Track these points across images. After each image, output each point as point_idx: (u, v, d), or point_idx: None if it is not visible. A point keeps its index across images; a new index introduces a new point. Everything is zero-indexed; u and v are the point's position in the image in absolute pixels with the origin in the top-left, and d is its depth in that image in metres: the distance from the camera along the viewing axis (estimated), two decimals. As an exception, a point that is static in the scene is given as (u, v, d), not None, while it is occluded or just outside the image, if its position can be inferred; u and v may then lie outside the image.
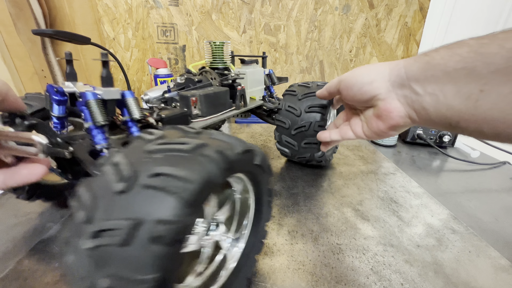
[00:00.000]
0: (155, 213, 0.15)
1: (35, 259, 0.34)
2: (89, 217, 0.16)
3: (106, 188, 0.17)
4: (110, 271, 0.15)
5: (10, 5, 0.85)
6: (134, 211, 0.15)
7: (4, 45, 0.91)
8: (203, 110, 0.46)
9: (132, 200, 0.16)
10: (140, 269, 0.15)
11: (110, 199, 0.16)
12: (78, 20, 0.97)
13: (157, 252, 0.15)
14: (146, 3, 0.99)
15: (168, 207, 0.15)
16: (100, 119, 0.32)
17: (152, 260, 0.15)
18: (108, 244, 0.15)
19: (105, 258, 0.15)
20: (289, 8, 1.02)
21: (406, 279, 0.32)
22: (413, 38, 1.09)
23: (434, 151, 0.74)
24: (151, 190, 0.16)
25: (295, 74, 1.14)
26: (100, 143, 0.32)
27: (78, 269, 0.16)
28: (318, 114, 0.49)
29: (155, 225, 0.15)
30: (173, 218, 0.15)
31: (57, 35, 0.32)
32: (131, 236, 0.15)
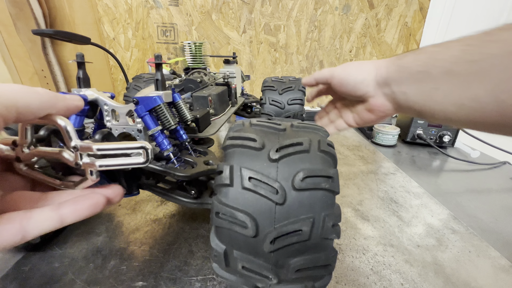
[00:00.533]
0: (319, 210, 0.18)
1: (35, 259, 0.35)
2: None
3: (265, 203, 0.18)
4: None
5: (10, 5, 0.85)
6: (305, 209, 0.18)
7: (4, 45, 0.91)
8: (216, 109, 0.47)
9: (295, 202, 0.18)
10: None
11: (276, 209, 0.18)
12: (78, 20, 0.97)
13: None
14: (146, 3, 0.99)
15: (329, 201, 0.19)
16: (173, 122, 0.31)
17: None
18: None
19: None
20: (289, 8, 1.02)
21: (406, 279, 0.32)
22: (413, 38, 1.09)
23: (434, 151, 0.74)
24: (305, 192, 0.18)
25: (295, 74, 1.14)
26: (167, 149, 0.31)
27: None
28: (298, 105, 0.59)
29: (324, 220, 0.18)
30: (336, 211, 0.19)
31: (57, 35, 0.32)
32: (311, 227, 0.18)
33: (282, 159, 0.19)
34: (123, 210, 0.45)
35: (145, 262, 0.34)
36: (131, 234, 0.39)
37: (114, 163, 0.23)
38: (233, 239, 0.19)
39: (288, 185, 0.18)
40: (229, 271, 0.21)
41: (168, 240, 0.38)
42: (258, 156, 0.19)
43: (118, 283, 0.31)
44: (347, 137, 0.84)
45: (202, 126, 0.40)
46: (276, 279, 0.19)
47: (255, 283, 0.21)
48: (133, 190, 0.34)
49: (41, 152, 0.23)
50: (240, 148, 0.20)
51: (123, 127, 0.31)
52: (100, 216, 0.43)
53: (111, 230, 0.40)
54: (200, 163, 0.32)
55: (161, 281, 0.31)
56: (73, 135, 0.22)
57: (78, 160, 0.22)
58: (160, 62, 0.31)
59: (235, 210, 0.18)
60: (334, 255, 0.19)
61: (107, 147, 0.23)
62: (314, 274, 0.19)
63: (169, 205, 0.47)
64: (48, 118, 0.22)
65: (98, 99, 0.31)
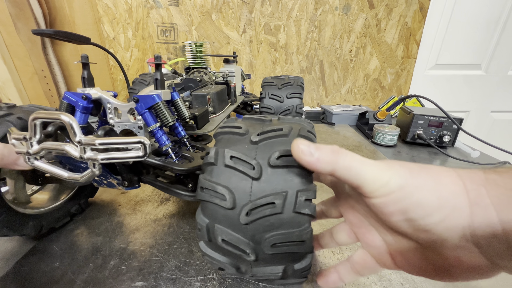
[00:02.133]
0: (294, 186, 0.19)
1: (35, 259, 0.35)
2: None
3: (243, 178, 0.20)
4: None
5: (10, 5, 0.85)
6: (280, 185, 0.19)
7: (4, 45, 0.91)
8: (215, 107, 0.49)
9: (270, 178, 0.20)
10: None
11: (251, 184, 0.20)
12: (78, 20, 0.97)
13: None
14: (146, 3, 0.99)
15: (303, 179, 0.20)
16: (171, 119, 0.33)
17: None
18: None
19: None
20: (289, 8, 1.02)
21: (406, 279, 0.32)
22: (413, 38, 1.09)
23: (434, 151, 0.74)
24: (280, 169, 0.20)
25: (295, 74, 1.14)
26: (165, 144, 0.33)
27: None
28: (298, 99, 0.58)
29: (297, 195, 0.19)
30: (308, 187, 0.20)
31: (57, 35, 0.32)
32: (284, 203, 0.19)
33: (262, 141, 0.21)
34: (123, 210, 0.45)
35: (145, 262, 0.34)
36: (131, 234, 0.39)
37: (115, 157, 0.25)
38: (214, 213, 0.21)
39: (264, 163, 0.20)
40: (212, 247, 0.23)
41: (168, 240, 0.38)
42: (242, 140, 0.22)
43: (118, 283, 0.31)
44: (347, 137, 0.84)
45: (201, 124, 0.41)
46: (254, 255, 0.20)
47: (237, 263, 0.22)
48: (134, 183, 0.35)
49: (49, 146, 0.25)
50: (227, 135, 0.23)
51: (125, 124, 0.33)
52: (100, 216, 0.43)
53: (111, 230, 0.40)
54: (197, 158, 0.34)
55: (161, 281, 0.31)
56: (77, 131, 0.24)
57: (82, 153, 0.25)
58: (159, 63, 0.32)
59: (217, 184, 0.20)
60: (308, 232, 0.20)
61: (108, 141, 0.25)
62: (290, 250, 0.20)
63: (169, 205, 0.47)
64: (55, 114, 0.24)
65: (101, 98, 0.32)
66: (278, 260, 0.21)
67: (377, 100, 1.20)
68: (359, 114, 0.95)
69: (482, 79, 1.18)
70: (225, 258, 0.23)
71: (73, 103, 0.31)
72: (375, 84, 1.17)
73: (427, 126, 0.74)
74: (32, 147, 0.25)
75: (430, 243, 0.18)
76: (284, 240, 0.20)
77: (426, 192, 0.17)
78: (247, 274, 0.23)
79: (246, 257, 0.21)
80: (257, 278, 0.23)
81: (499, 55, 1.14)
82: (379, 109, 0.89)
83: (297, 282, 0.24)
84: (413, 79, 1.16)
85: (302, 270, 0.22)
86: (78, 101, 0.31)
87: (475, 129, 1.26)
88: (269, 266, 0.22)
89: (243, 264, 0.22)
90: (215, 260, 0.23)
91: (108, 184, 0.36)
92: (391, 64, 1.13)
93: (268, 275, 0.22)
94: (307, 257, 0.21)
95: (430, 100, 0.70)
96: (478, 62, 1.16)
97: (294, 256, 0.21)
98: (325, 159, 0.18)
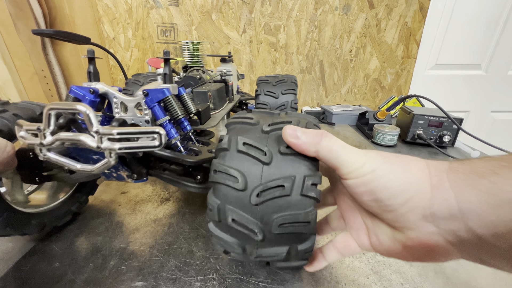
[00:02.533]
0: (301, 172, 0.21)
1: (35, 259, 0.35)
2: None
3: (255, 163, 0.21)
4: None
5: (10, 5, 0.85)
6: (289, 170, 0.21)
7: (4, 45, 0.91)
8: (216, 104, 0.50)
9: (280, 164, 0.21)
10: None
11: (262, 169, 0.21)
12: (78, 20, 0.97)
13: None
14: (146, 3, 0.99)
15: (311, 166, 0.21)
16: (180, 112, 0.34)
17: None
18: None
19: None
20: (289, 8, 1.02)
21: (406, 279, 0.32)
22: (413, 38, 1.09)
23: (434, 151, 0.74)
24: (289, 156, 0.21)
25: (295, 74, 1.14)
26: (174, 137, 0.34)
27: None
28: (292, 95, 0.59)
29: (304, 179, 0.21)
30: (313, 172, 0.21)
31: (57, 35, 0.32)
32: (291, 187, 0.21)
33: (272, 132, 0.23)
34: (123, 210, 0.45)
35: (145, 262, 0.34)
36: (131, 234, 0.39)
37: (132, 146, 0.26)
38: (226, 194, 0.22)
39: (275, 150, 0.22)
40: (222, 228, 0.24)
41: (168, 240, 0.38)
42: (253, 130, 0.23)
43: (118, 283, 0.31)
44: (347, 137, 0.84)
45: (204, 119, 0.42)
46: (261, 234, 0.22)
47: (244, 244, 0.24)
48: (143, 176, 0.36)
49: (64, 137, 0.26)
50: (239, 125, 0.24)
51: (132, 119, 0.33)
52: (100, 216, 0.43)
53: (111, 230, 0.40)
54: (204, 151, 0.35)
55: (161, 281, 0.31)
56: (94, 121, 0.25)
57: (99, 143, 0.25)
58: (168, 58, 0.33)
59: (229, 168, 0.22)
60: (313, 213, 0.21)
61: (126, 131, 0.25)
62: (296, 231, 0.22)
63: (169, 205, 0.47)
64: (72, 105, 0.24)
65: (108, 92, 0.33)
66: (284, 240, 0.23)
67: (377, 100, 1.20)
68: (359, 114, 0.95)
69: (482, 79, 1.18)
70: (232, 238, 0.24)
71: (80, 97, 0.31)
72: (375, 84, 1.17)
73: (427, 126, 0.74)
74: (45, 138, 0.25)
75: (397, 224, 0.20)
76: (291, 221, 0.21)
77: (393, 176, 0.19)
78: (252, 255, 0.24)
79: (254, 236, 0.22)
80: (262, 259, 0.25)
81: (499, 55, 1.14)
82: (379, 109, 0.89)
83: (300, 265, 0.25)
84: (413, 79, 1.16)
85: (305, 251, 0.23)
86: (86, 95, 0.31)
87: (475, 129, 1.26)
88: (274, 247, 0.23)
89: (249, 245, 0.24)
90: (223, 241, 0.24)
91: (117, 176, 0.36)
92: (391, 64, 1.13)
93: (273, 255, 0.23)
94: (310, 238, 0.23)
95: (430, 100, 0.70)
96: (478, 62, 1.16)
97: (299, 237, 0.22)
98: (309, 141, 0.20)
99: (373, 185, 0.19)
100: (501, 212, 0.15)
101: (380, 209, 0.20)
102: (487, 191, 0.15)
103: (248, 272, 0.32)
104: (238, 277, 0.31)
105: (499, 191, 0.15)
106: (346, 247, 0.25)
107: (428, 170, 0.18)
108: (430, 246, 0.18)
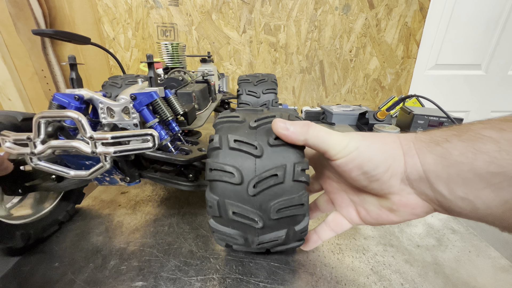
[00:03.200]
0: (291, 160, 0.23)
1: (35, 259, 0.35)
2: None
3: (247, 157, 0.23)
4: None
5: (10, 5, 0.85)
6: (279, 160, 0.23)
7: (4, 45, 0.91)
8: (200, 104, 0.51)
9: (271, 155, 0.23)
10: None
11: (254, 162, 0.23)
12: (78, 20, 0.97)
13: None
14: (146, 3, 0.99)
15: (298, 154, 0.23)
16: (169, 114, 0.34)
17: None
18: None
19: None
20: (289, 8, 1.02)
21: (406, 279, 0.32)
22: (413, 38, 1.09)
23: (434, 151, 0.74)
24: (278, 147, 0.23)
25: (295, 74, 1.14)
26: (165, 138, 0.34)
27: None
28: (273, 94, 0.62)
29: (294, 166, 0.23)
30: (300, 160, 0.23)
31: (57, 35, 0.32)
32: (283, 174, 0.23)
33: (259, 127, 0.24)
34: (123, 210, 0.45)
35: (145, 262, 0.34)
36: (131, 234, 0.39)
37: (126, 149, 0.26)
38: (224, 190, 0.23)
39: (264, 143, 0.23)
40: (223, 222, 0.25)
41: (168, 240, 0.38)
42: (241, 127, 0.25)
43: (118, 283, 0.31)
44: (347, 137, 0.84)
45: (190, 119, 0.43)
46: (262, 222, 0.23)
47: (245, 234, 0.25)
48: (136, 179, 0.36)
49: (56, 145, 0.26)
50: (227, 123, 0.26)
51: (120, 123, 0.33)
52: (100, 216, 0.43)
53: (111, 230, 0.40)
54: (195, 150, 0.35)
55: (161, 281, 0.31)
56: (87, 127, 0.25)
57: (94, 148, 0.25)
58: (152, 61, 0.33)
59: (224, 164, 0.23)
60: (305, 196, 0.23)
61: (120, 135, 0.25)
62: (292, 213, 0.23)
63: (169, 205, 0.47)
64: (63, 113, 0.24)
65: (93, 98, 0.32)
66: (282, 224, 0.25)
67: (377, 100, 1.20)
68: (359, 114, 0.95)
69: (482, 79, 1.18)
70: (234, 231, 0.25)
71: (65, 104, 0.31)
72: (375, 84, 1.17)
73: (427, 126, 0.74)
74: (36, 147, 0.25)
75: (382, 192, 0.23)
76: (287, 205, 0.23)
77: (373, 149, 0.22)
78: (254, 243, 0.26)
79: (254, 225, 0.24)
80: (263, 245, 0.26)
81: (499, 55, 1.14)
82: (379, 109, 0.89)
83: (297, 245, 0.28)
84: (413, 79, 1.16)
85: (301, 231, 0.25)
86: (71, 102, 0.31)
87: (475, 129, 1.26)
88: (274, 231, 0.25)
89: (250, 234, 0.25)
90: (225, 235, 0.26)
91: (111, 180, 0.36)
92: (391, 64, 1.13)
93: (273, 239, 0.25)
94: (304, 219, 0.25)
95: (430, 100, 0.70)
96: (478, 62, 1.16)
97: (295, 219, 0.24)
98: (298, 131, 0.22)
99: (359, 160, 0.22)
100: (450, 171, 0.18)
101: (367, 181, 0.23)
102: (441, 155, 0.19)
103: (248, 272, 0.32)
104: (238, 277, 0.31)
105: (448, 155, 0.19)
106: (338, 225, 0.29)
107: (399, 140, 0.22)
108: (411, 205, 0.22)
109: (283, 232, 0.25)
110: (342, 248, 0.37)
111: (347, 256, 0.35)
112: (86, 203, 0.47)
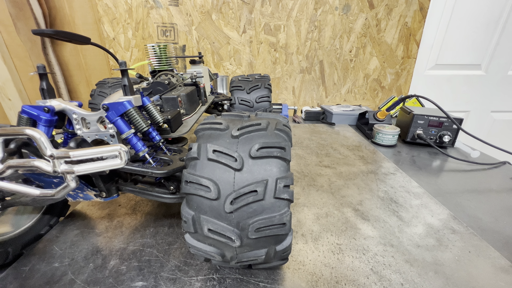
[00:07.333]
0: (273, 175, 0.21)
1: (35, 259, 0.34)
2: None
3: (226, 170, 0.21)
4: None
5: (10, 5, 0.85)
6: (261, 174, 0.21)
7: (4, 45, 0.91)
8: (187, 109, 0.49)
9: (252, 168, 0.21)
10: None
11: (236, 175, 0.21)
12: (78, 20, 0.97)
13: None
14: (146, 3, 0.99)
15: (282, 167, 0.21)
16: (145, 124, 0.32)
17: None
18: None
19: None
20: (289, 8, 1.02)
21: (406, 279, 0.32)
22: (413, 38, 1.09)
23: (434, 151, 0.74)
24: (260, 160, 0.21)
25: (295, 74, 1.14)
26: (142, 150, 0.32)
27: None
28: (267, 102, 0.60)
29: (277, 182, 0.21)
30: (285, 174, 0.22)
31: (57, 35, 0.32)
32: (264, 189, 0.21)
33: (242, 136, 0.22)
34: (123, 210, 0.45)
35: (145, 262, 0.34)
36: (131, 234, 0.39)
37: (91, 167, 0.24)
38: (200, 205, 0.22)
39: (245, 155, 0.21)
40: (199, 238, 0.24)
41: (168, 240, 0.38)
42: (223, 135, 0.23)
43: (118, 283, 0.31)
44: (347, 137, 0.84)
45: (174, 126, 0.41)
46: (239, 240, 0.22)
47: (223, 251, 0.24)
48: (113, 193, 0.34)
49: (15, 164, 0.24)
50: (208, 131, 0.24)
51: (95, 134, 0.32)
52: (100, 216, 0.43)
53: (111, 230, 0.40)
54: (176, 160, 0.33)
55: (161, 281, 0.31)
56: (47, 145, 0.23)
57: (56, 167, 0.23)
58: (125, 69, 0.31)
59: (201, 177, 0.21)
60: (288, 215, 0.21)
61: (83, 152, 0.24)
62: (272, 233, 0.22)
63: (169, 205, 0.47)
64: (20, 130, 0.22)
65: (65, 109, 0.31)
66: (261, 243, 0.23)
67: (377, 100, 1.20)
68: (359, 114, 0.95)
69: (482, 79, 1.18)
70: (211, 247, 0.24)
71: (34, 117, 0.29)
72: (375, 84, 1.17)
73: (427, 126, 0.74)
74: None
75: None
76: (266, 224, 0.21)
77: None
78: (233, 260, 0.24)
79: (231, 243, 0.22)
80: (242, 263, 0.25)
81: (499, 55, 1.13)
82: (379, 109, 0.89)
83: (280, 264, 0.26)
84: (413, 79, 1.16)
85: (283, 251, 0.24)
86: (40, 115, 0.29)
87: (475, 129, 1.26)
88: (253, 250, 0.23)
89: (228, 252, 0.24)
90: (202, 251, 0.24)
91: (84, 197, 0.35)
92: (391, 64, 1.13)
93: (253, 258, 0.24)
94: (287, 239, 0.23)
95: (430, 100, 0.70)
96: (478, 62, 1.16)
97: (276, 238, 0.23)
98: None
99: None
100: None
101: None
102: None
103: (248, 272, 0.32)
104: (238, 277, 0.31)
105: None
106: None
107: None
108: None
109: (263, 251, 0.23)
110: (342, 248, 0.37)
111: (347, 256, 0.35)
112: (86, 203, 0.47)
